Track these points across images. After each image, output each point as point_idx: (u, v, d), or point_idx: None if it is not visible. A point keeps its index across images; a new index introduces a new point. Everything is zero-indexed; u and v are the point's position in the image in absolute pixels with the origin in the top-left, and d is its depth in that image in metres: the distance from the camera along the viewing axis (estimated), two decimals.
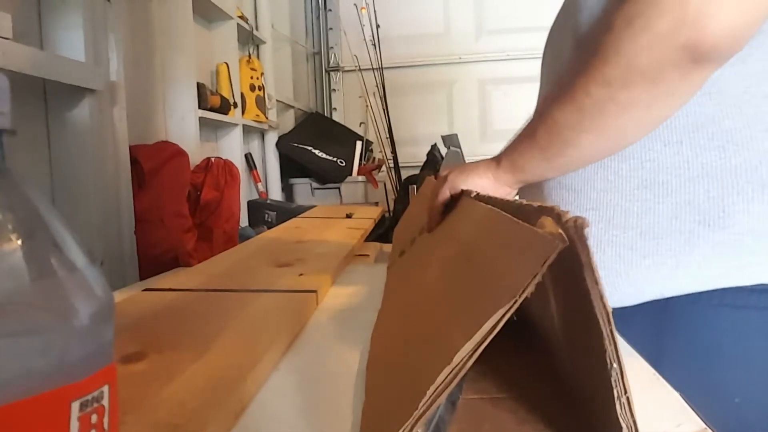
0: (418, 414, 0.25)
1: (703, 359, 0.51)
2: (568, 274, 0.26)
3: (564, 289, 0.30)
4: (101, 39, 1.06)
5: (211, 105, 1.74)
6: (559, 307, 0.34)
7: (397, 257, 0.81)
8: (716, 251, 0.49)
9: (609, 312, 0.25)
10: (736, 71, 0.48)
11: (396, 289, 0.62)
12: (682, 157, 0.50)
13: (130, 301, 0.61)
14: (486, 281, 0.31)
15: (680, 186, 0.50)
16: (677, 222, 0.50)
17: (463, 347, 0.25)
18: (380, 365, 0.41)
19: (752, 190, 0.48)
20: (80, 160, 1.03)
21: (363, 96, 2.72)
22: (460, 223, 0.54)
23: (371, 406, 0.35)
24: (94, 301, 0.19)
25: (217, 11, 1.87)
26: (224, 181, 1.63)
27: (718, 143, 0.49)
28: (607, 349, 0.26)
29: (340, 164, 2.59)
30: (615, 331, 0.26)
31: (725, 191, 0.48)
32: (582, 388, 0.34)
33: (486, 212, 0.44)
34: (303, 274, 0.74)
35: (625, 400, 0.27)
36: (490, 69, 2.99)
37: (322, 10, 3.24)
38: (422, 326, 0.38)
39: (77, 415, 0.18)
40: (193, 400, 0.36)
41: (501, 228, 0.36)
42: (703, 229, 0.49)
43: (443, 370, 0.25)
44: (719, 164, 0.48)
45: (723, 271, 0.49)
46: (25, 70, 0.85)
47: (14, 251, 0.18)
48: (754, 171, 0.48)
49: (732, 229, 0.48)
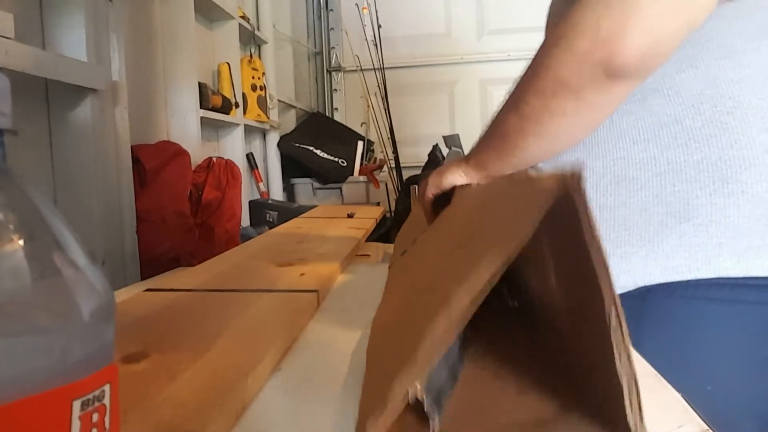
0: (419, 364, 0.24)
1: (676, 349, 0.54)
2: (566, 235, 0.26)
3: (562, 254, 0.30)
4: (103, 39, 1.06)
5: (213, 105, 1.74)
6: (559, 276, 0.34)
7: (398, 257, 0.81)
8: (683, 242, 0.52)
9: (609, 268, 0.25)
10: (690, 75, 0.53)
11: (396, 282, 0.62)
12: (649, 154, 0.54)
13: (132, 301, 0.61)
14: (484, 237, 0.31)
15: (648, 180, 0.54)
16: (647, 214, 0.54)
17: (463, 296, 0.25)
18: (379, 344, 0.41)
19: (713, 183, 0.51)
20: (82, 159, 1.03)
21: (364, 96, 2.72)
22: (457, 209, 0.56)
23: (370, 379, 0.35)
24: (95, 301, 0.19)
25: (218, 11, 1.87)
26: (226, 181, 1.63)
27: (681, 141, 0.53)
28: (605, 300, 0.26)
29: (341, 164, 2.59)
30: (614, 286, 0.25)
31: (689, 185, 0.52)
32: (583, 357, 0.34)
33: (484, 186, 0.44)
34: (304, 274, 0.74)
35: (623, 349, 0.27)
36: (492, 69, 2.99)
37: (324, 10, 3.24)
38: (420, 298, 0.38)
39: (78, 414, 0.18)
40: (194, 400, 0.36)
41: (498, 192, 0.36)
42: (671, 221, 0.53)
43: (442, 316, 0.25)
44: (683, 160, 0.53)
45: (691, 263, 0.52)
46: (27, 69, 0.85)
47: (16, 251, 0.18)
48: (714, 166, 0.51)
49: (696, 221, 0.52)
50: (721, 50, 0.53)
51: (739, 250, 0.51)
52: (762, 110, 0.51)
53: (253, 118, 2.13)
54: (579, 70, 0.47)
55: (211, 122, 1.80)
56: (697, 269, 0.52)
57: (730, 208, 0.51)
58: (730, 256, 0.51)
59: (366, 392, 0.34)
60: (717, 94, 0.52)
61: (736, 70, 0.52)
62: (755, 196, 0.50)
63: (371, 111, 2.65)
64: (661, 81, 0.54)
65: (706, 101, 0.52)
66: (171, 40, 1.53)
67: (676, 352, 0.54)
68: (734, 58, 0.52)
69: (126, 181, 1.14)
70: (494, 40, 3.01)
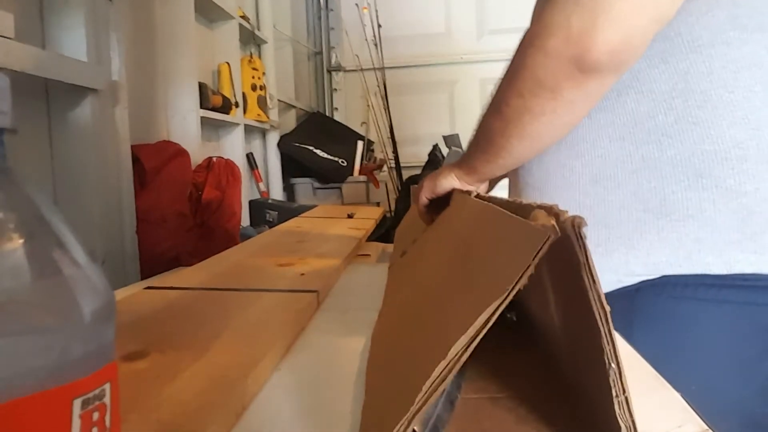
0: (414, 409, 0.25)
1: (664, 349, 0.54)
2: (567, 272, 0.26)
3: (563, 288, 0.30)
4: (103, 38, 1.06)
5: (213, 104, 1.74)
6: (558, 306, 0.34)
7: (398, 257, 0.81)
8: (661, 237, 0.53)
9: (607, 311, 0.25)
10: (661, 71, 0.53)
11: (396, 289, 0.62)
12: (625, 151, 0.55)
13: (132, 300, 0.61)
14: (480, 275, 0.31)
15: (625, 178, 0.55)
16: (625, 212, 0.55)
17: (458, 341, 0.25)
18: (379, 364, 0.41)
19: (688, 179, 0.52)
20: (82, 159, 1.03)
21: (364, 96, 2.72)
22: (455, 219, 0.56)
23: (370, 405, 0.35)
24: (95, 300, 0.19)
25: (218, 11, 1.87)
26: (226, 181, 1.63)
27: (655, 137, 0.53)
28: (605, 348, 0.26)
29: (341, 164, 2.59)
30: (613, 331, 0.26)
31: (664, 181, 0.53)
32: (583, 387, 0.34)
33: (482, 208, 0.44)
34: (304, 273, 0.74)
35: (623, 399, 0.27)
36: (492, 69, 2.97)
37: (324, 9, 3.24)
38: (419, 323, 0.38)
39: (79, 412, 0.18)
40: (194, 399, 0.36)
41: (495, 223, 0.36)
42: (648, 217, 0.54)
43: (438, 365, 0.25)
44: (657, 156, 0.53)
45: (672, 259, 0.53)
46: (27, 69, 0.85)
47: (16, 250, 0.18)
48: (688, 161, 0.52)
49: (673, 216, 0.52)
50: (690, 44, 0.52)
51: (719, 246, 0.51)
52: (732, 103, 0.51)
53: (253, 117, 2.13)
54: (553, 68, 0.47)
55: (211, 122, 1.80)
56: (678, 265, 0.53)
57: (705, 202, 0.51)
58: (711, 251, 0.51)
59: (365, 419, 0.35)
60: (688, 88, 0.52)
61: (707, 63, 0.52)
62: (729, 190, 0.51)
63: (371, 111, 2.65)
64: (635, 77, 0.54)
65: (678, 96, 0.52)
66: (171, 39, 1.53)
67: (664, 353, 0.53)
68: (703, 51, 0.52)
69: (126, 180, 1.14)
70: (494, 39, 3.00)
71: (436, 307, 0.36)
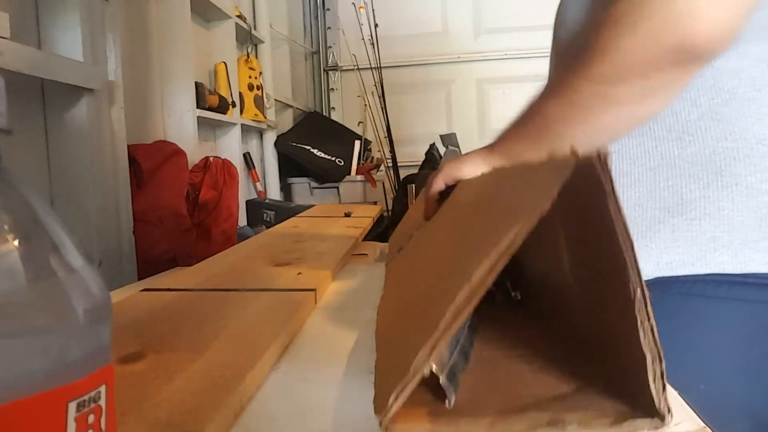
0: (438, 334, 0.24)
1: (671, 346, 0.52)
2: (584, 211, 0.25)
3: (578, 231, 0.30)
4: (99, 38, 1.06)
5: (210, 104, 1.73)
6: (572, 254, 0.34)
7: (395, 254, 0.81)
8: (676, 236, 0.52)
9: (632, 240, 0.25)
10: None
11: (399, 273, 0.62)
12: (643, 148, 0.53)
13: (129, 301, 0.61)
14: (501, 211, 0.31)
15: (642, 175, 0.53)
16: (640, 209, 0.53)
17: (481, 264, 0.24)
18: (389, 324, 0.41)
19: (707, 176, 0.50)
20: (78, 159, 1.02)
21: (361, 95, 2.71)
22: (459, 196, 0.55)
23: (385, 353, 0.35)
24: (91, 302, 0.19)
25: (215, 10, 1.86)
26: (223, 181, 1.63)
27: (675, 134, 0.52)
28: (630, 276, 0.26)
29: (338, 163, 2.59)
30: (638, 259, 0.25)
31: (682, 179, 0.51)
32: (602, 334, 0.34)
33: (495, 172, 0.44)
34: (302, 273, 0.74)
35: (648, 327, 0.26)
36: (489, 68, 2.99)
37: (321, 9, 3.24)
38: (434, 271, 0.37)
39: (74, 415, 0.18)
40: (192, 400, 0.36)
41: (513, 175, 0.35)
42: (664, 215, 0.52)
43: (463, 289, 0.24)
44: (677, 153, 0.52)
45: (685, 258, 0.52)
46: (22, 69, 0.85)
47: (11, 252, 0.18)
48: (709, 159, 0.50)
49: (689, 215, 0.51)
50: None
51: (736, 245, 0.50)
52: (757, 101, 0.50)
53: (250, 117, 2.13)
54: (646, 53, 0.42)
55: (207, 122, 1.80)
56: (691, 264, 0.51)
57: (725, 201, 0.50)
58: (726, 250, 0.50)
59: (381, 371, 0.34)
60: (716, 86, 0.50)
61: (739, 60, 0.49)
62: (749, 188, 0.50)
63: (368, 110, 2.65)
64: None
65: (705, 93, 0.51)
66: (167, 39, 1.52)
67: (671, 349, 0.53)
68: (739, 48, 0.49)
69: (122, 181, 1.13)
70: (491, 39, 3.00)
71: (452, 251, 0.36)
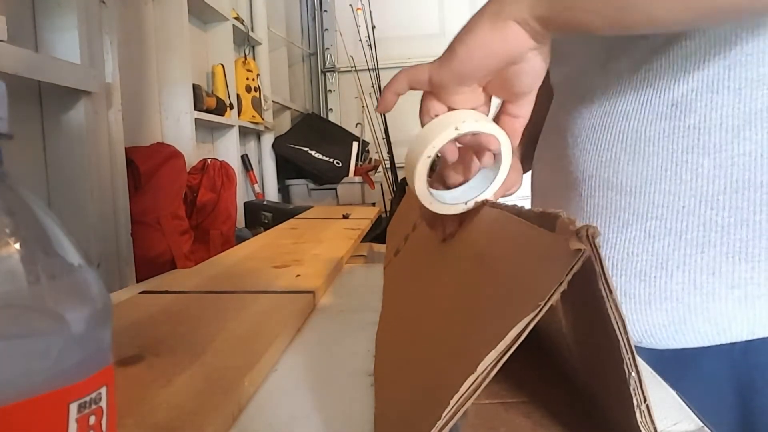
0: (441, 424, 0.25)
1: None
2: (578, 281, 0.26)
3: (573, 296, 0.30)
4: (96, 41, 1.06)
5: (207, 106, 1.73)
6: (567, 313, 0.34)
7: (392, 257, 0.80)
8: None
9: (625, 321, 0.25)
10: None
11: (396, 292, 0.62)
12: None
13: (128, 304, 0.61)
14: (507, 289, 0.31)
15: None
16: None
17: (487, 356, 0.25)
18: (390, 373, 0.41)
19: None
20: (76, 162, 1.02)
21: (359, 97, 2.72)
22: (469, 225, 0.54)
23: (385, 416, 0.35)
24: (91, 304, 0.19)
25: (212, 12, 1.87)
26: (221, 183, 1.63)
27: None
28: (624, 358, 0.26)
29: (336, 165, 2.59)
30: (631, 340, 0.25)
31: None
32: (598, 393, 0.34)
33: (497, 216, 0.43)
34: (300, 275, 0.74)
35: (645, 408, 0.27)
36: None
37: (318, 11, 3.24)
38: (438, 334, 0.37)
39: (75, 416, 0.18)
40: (191, 403, 0.36)
41: (517, 233, 0.35)
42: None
43: (467, 380, 0.25)
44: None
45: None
46: (20, 72, 0.85)
47: (11, 254, 0.18)
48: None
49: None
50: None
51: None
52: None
53: (248, 119, 2.13)
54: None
55: (205, 124, 1.80)
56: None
57: None
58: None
59: (381, 428, 0.34)
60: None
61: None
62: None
63: (366, 111, 2.65)
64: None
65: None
66: (164, 41, 1.53)
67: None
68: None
69: (120, 183, 1.13)
70: None
71: (457, 319, 0.36)
